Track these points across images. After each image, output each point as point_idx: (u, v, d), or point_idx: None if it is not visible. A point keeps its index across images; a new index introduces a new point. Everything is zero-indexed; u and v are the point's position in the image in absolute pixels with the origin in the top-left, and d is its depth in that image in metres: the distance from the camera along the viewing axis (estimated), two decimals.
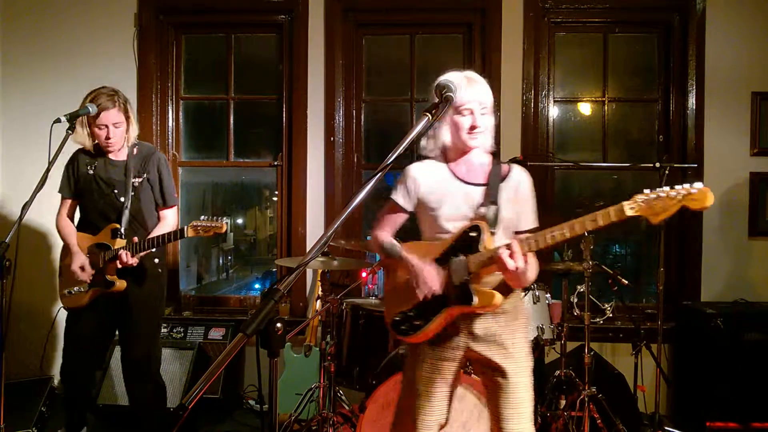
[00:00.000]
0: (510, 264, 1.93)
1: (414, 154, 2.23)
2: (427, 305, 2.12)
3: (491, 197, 2.11)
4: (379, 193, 4.55)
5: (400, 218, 2.26)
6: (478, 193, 2.14)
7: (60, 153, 2.79)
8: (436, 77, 2.03)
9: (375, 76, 4.45)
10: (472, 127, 2.11)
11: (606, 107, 4.30)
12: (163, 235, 3.01)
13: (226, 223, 3.02)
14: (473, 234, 2.07)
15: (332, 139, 4.24)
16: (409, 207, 2.22)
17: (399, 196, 2.22)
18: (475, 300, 2.03)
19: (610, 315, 3.98)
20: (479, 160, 2.20)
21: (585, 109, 4.41)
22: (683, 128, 4.11)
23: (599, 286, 3.92)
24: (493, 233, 2.07)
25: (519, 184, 2.18)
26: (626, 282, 3.43)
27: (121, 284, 3.03)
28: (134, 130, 3.13)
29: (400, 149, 1.66)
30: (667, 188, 1.79)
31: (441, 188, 2.17)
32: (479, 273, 2.06)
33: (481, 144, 2.16)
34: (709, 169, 4.03)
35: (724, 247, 4.05)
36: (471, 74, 2.16)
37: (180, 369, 3.86)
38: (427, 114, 1.76)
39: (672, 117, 4.17)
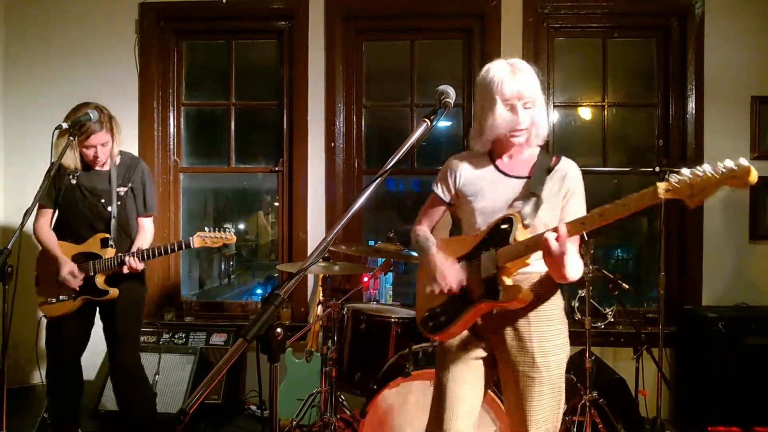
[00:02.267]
0: (554, 245, 1.78)
1: (412, 160, 2.21)
2: (455, 302, 2.06)
3: (532, 190, 2.02)
4: (381, 198, 4.60)
5: (439, 211, 2.24)
6: (519, 187, 2.07)
7: (61, 159, 2.80)
8: (436, 83, 1.96)
9: (375, 82, 4.46)
10: (514, 124, 2.04)
11: (606, 112, 4.31)
12: (170, 245, 3.09)
13: (234, 233, 3.10)
14: (505, 227, 1.97)
15: (333, 144, 4.25)
16: (448, 199, 2.19)
17: (438, 188, 2.20)
18: (501, 294, 1.93)
19: (611, 319, 3.97)
20: (526, 152, 2.13)
21: (585, 113, 4.42)
22: (683, 132, 4.11)
23: (600, 291, 3.92)
24: (526, 226, 1.97)
25: (567, 175, 2.09)
26: (627, 286, 3.42)
27: (114, 292, 3.09)
28: (118, 145, 3.17)
29: (400, 155, 1.67)
30: (706, 166, 1.59)
31: (481, 180, 2.12)
32: (510, 267, 1.94)
33: (527, 140, 2.09)
34: None
35: (725, 251, 4.05)
36: (516, 62, 2.07)
37: (181, 374, 3.87)
38: (426, 120, 1.76)
39: (672, 121, 4.17)
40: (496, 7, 4.14)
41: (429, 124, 1.76)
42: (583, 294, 3.44)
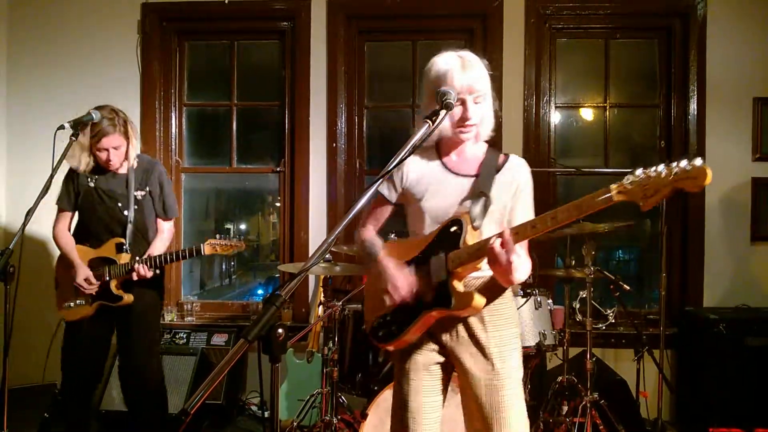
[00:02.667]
0: (503, 258, 1.73)
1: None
2: (405, 309, 1.96)
3: (481, 189, 1.94)
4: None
5: (385, 211, 2.12)
6: (467, 186, 1.98)
7: (63, 160, 2.80)
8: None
9: (377, 83, 4.46)
10: (463, 120, 1.94)
11: (608, 113, 4.31)
12: (179, 251, 3.08)
13: (243, 241, 3.08)
14: (454, 229, 1.90)
15: (334, 145, 4.25)
16: (394, 198, 2.08)
17: (383, 187, 2.07)
18: (453, 302, 1.86)
19: (613, 321, 3.97)
20: (473, 150, 2.05)
21: (587, 114, 4.42)
22: (685, 133, 4.11)
23: (601, 292, 3.92)
24: (476, 228, 1.90)
25: (515, 174, 2.01)
26: (628, 288, 3.42)
27: (128, 298, 3.07)
28: (134, 149, 3.14)
29: (402, 156, 1.66)
30: (660, 166, 1.53)
31: (428, 179, 2.02)
32: (460, 272, 1.89)
33: (475, 136, 2.00)
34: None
35: (727, 253, 4.04)
36: (465, 54, 1.98)
37: (183, 375, 3.87)
38: (428, 121, 1.74)
39: (673, 122, 4.17)
40: (498, 7, 4.14)
41: (431, 125, 1.74)
42: (584, 295, 3.44)
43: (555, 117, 4.28)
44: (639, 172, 1.55)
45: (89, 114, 2.93)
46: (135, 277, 3.01)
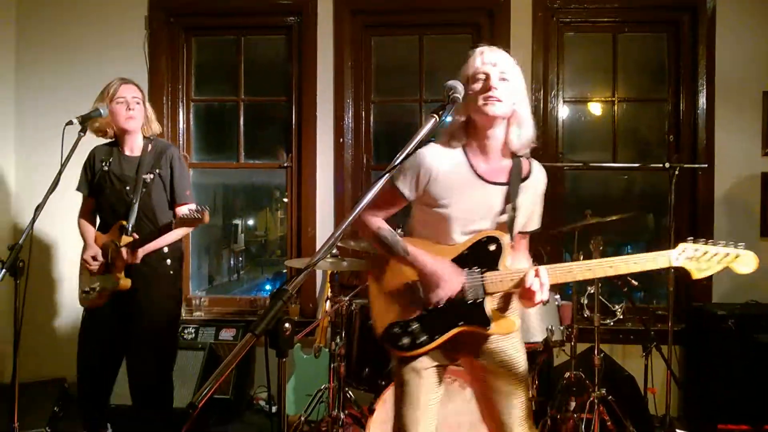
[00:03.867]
0: (538, 297, 1.78)
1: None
2: (435, 318, 1.90)
3: (512, 202, 1.90)
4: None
5: (397, 208, 2.03)
6: (498, 195, 1.93)
7: (72, 155, 2.81)
8: (444, 78, 1.87)
9: (384, 77, 4.46)
10: (485, 89, 1.86)
11: (616, 107, 4.29)
12: (155, 230, 2.95)
13: (207, 210, 2.88)
14: (492, 248, 1.88)
15: (341, 140, 4.25)
16: (413, 196, 1.96)
17: (405, 185, 1.94)
18: (492, 326, 1.87)
19: (621, 316, 3.94)
20: (501, 156, 1.97)
21: (595, 109, 4.40)
22: (694, 128, 4.08)
23: (609, 288, 3.90)
24: (512, 246, 1.91)
25: (538, 184, 2.00)
26: (636, 283, 3.41)
27: (125, 282, 2.95)
28: (154, 122, 3.15)
29: (409, 150, 1.65)
30: (718, 248, 1.81)
31: (456, 183, 1.91)
32: (495, 293, 1.90)
33: (501, 113, 1.88)
34: (719, 170, 4.00)
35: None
36: (488, 46, 1.97)
37: (191, 370, 3.88)
38: (435, 115, 1.71)
39: (682, 117, 4.14)
40: (505, 1, 4.12)
41: (437, 119, 1.72)
42: (592, 291, 3.43)
43: (563, 111, 4.26)
44: (698, 247, 1.82)
45: (97, 109, 2.93)
46: (119, 263, 2.92)
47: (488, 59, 1.90)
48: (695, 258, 1.76)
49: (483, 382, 2.04)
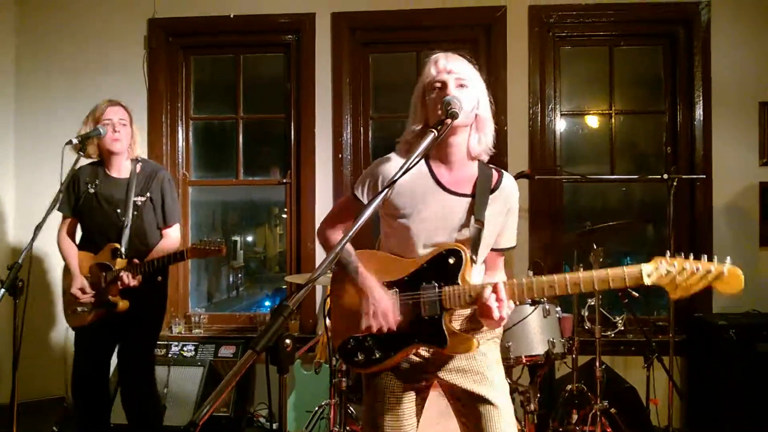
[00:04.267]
0: (496, 314, 1.68)
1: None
2: (390, 335, 1.81)
3: (477, 214, 1.81)
4: None
5: (352, 215, 1.91)
6: (461, 207, 1.84)
7: (71, 172, 2.83)
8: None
9: (382, 94, 4.48)
10: (441, 97, 1.78)
11: (613, 120, 4.31)
12: (164, 257, 2.98)
13: (225, 244, 2.97)
14: (452, 261, 1.79)
15: (340, 156, 4.27)
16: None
17: (363, 194, 1.89)
18: (448, 343, 1.76)
19: (622, 328, 3.94)
20: (467, 166, 1.89)
21: (592, 121, 4.42)
22: (691, 139, 4.10)
23: (610, 299, 3.90)
24: (474, 261, 1.80)
25: (508, 197, 1.90)
26: (637, 294, 3.41)
27: (123, 305, 3.01)
28: (139, 145, 3.16)
29: (408, 165, 1.66)
30: (695, 263, 1.61)
31: (418, 194, 1.84)
32: (454, 309, 1.81)
33: (460, 122, 1.78)
34: (717, 180, 4.02)
35: (735, 258, 3.91)
36: (443, 53, 1.89)
37: (191, 387, 3.87)
38: (433, 130, 1.72)
39: (679, 128, 4.16)
40: (501, 17, 4.16)
41: (436, 134, 1.72)
42: (592, 303, 3.42)
43: (560, 124, 4.28)
44: (674, 263, 1.65)
45: (96, 129, 2.97)
46: (120, 286, 2.94)
47: (443, 67, 1.84)
48: (670, 274, 1.60)
49: (457, 401, 1.94)
